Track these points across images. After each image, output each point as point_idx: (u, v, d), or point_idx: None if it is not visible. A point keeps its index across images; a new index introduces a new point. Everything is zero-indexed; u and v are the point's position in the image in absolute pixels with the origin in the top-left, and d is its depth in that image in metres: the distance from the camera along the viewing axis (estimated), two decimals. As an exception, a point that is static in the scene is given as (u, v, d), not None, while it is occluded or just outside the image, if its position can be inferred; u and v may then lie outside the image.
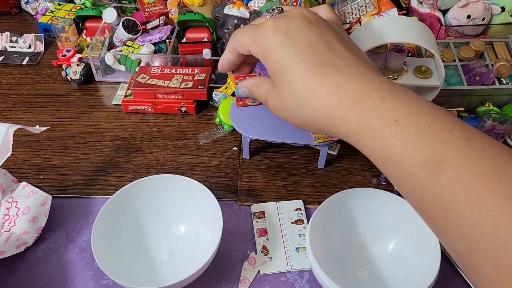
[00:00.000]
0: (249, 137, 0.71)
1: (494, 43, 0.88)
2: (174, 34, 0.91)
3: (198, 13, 0.90)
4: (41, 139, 0.79)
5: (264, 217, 0.68)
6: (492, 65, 0.83)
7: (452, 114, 0.37)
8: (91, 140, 0.79)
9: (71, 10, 1.00)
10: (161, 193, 0.65)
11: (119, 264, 0.58)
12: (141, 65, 0.89)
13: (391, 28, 0.72)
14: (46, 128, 0.64)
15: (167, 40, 0.91)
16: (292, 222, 0.67)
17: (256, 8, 0.93)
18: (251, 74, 0.67)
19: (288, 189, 0.72)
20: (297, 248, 0.64)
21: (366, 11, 0.96)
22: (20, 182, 0.71)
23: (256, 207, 0.69)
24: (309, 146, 0.77)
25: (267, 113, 0.73)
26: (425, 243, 0.59)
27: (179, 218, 0.65)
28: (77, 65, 0.88)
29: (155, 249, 0.63)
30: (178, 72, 0.84)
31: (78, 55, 0.92)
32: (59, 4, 1.03)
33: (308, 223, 0.65)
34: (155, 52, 0.90)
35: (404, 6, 0.99)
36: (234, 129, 0.79)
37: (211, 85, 0.86)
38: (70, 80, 0.89)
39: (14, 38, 0.99)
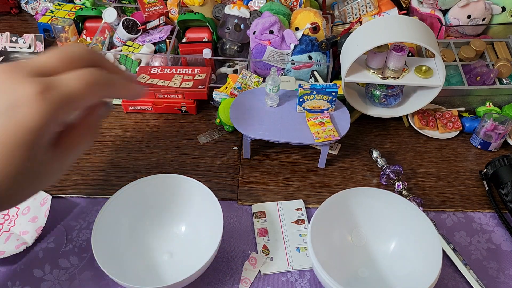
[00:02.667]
0: (250, 137, 0.71)
1: (494, 43, 0.88)
2: (174, 34, 0.91)
3: (198, 13, 0.90)
4: (41, 139, 0.79)
5: (265, 217, 0.67)
6: (492, 65, 0.83)
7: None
8: (91, 140, 0.79)
9: (71, 10, 1.00)
10: (162, 192, 0.64)
11: (119, 264, 0.58)
12: (141, 65, 0.88)
13: (392, 27, 0.72)
14: None
15: (167, 40, 0.91)
16: (292, 222, 0.67)
17: (256, 8, 0.93)
18: None
19: (289, 188, 0.72)
20: (298, 248, 0.64)
21: (367, 11, 0.96)
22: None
23: (256, 207, 0.69)
24: (310, 146, 0.77)
25: (267, 113, 0.73)
26: (426, 243, 0.58)
27: (180, 217, 0.65)
28: (77, 65, 0.88)
29: (155, 249, 0.63)
30: (178, 72, 0.84)
31: (78, 55, 0.92)
32: (59, 4, 1.03)
33: (309, 223, 0.65)
34: (155, 52, 0.90)
35: (404, 6, 0.99)
36: (235, 129, 0.79)
37: (211, 84, 0.86)
38: (70, 80, 0.89)
39: (14, 38, 0.98)
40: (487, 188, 0.72)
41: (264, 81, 0.83)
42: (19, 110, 0.37)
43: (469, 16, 0.91)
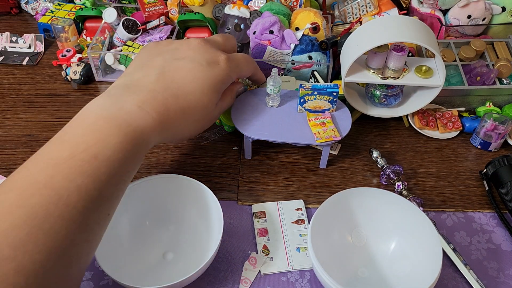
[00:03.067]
0: (252, 138, 0.71)
1: (494, 43, 0.88)
2: (175, 34, 0.91)
3: (199, 13, 0.90)
4: (41, 139, 0.79)
5: (265, 217, 0.67)
6: (492, 65, 0.83)
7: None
8: (91, 140, 0.79)
9: (71, 10, 1.00)
10: (162, 192, 0.65)
11: (120, 264, 0.58)
12: (141, 65, 0.88)
13: (392, 27, 0.72)
14: None
15: (167, 40, 0.91)
16: (293, 222, 0.67)
17: (256, 8, 0.93)
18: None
19: (289, 188, 0.72)
20: (298, 248, 0.64)
21: (367, 11, 0.96)
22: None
23: (256, 207, 0.69)
24: (310, 146, 0.77)
25: (268, 113, 0.73)
26: (426, 243, 0.59)
27: (180, 218, 0.65)
28: (77, 65, 0.88)
29: (156, 249, 0.63)
30: (178, 72, 0.84)
31: (78, 55, 0.92)
32: (59, 4, 1.03)
33: (309, 223, 0.65)
34: (155, 52, 0.90)
35: (404, 6, 0.99)
36: (235, 129, 0.79)
37: (211, 85, 0.86)
38: (70, 80, 0.89)
39: (14, 38, 0.99)
40: (487, 188, 0.72)
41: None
42: (216, 65, 0.61)
43: (469, 16, 0.91)
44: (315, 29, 0.87)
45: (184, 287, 0.57)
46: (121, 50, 0.90)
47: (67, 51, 0.92)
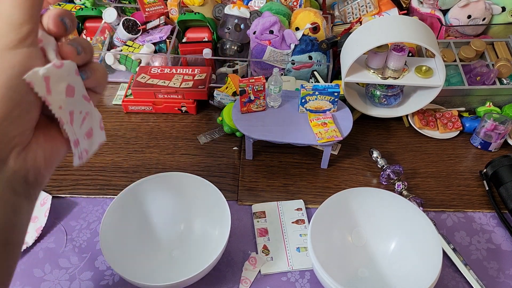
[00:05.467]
0: (253, 138, 0.71)
1: (494, 43, 0.88)
2: (174, 34, 0.91)
3: (199, 13, 0.90)
4: (41, 139, 0.79)
5: (265, 217, 0.67)
6: (492, 65, 0.83)
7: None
8: (91, 140, 0.79)
9: (71, 10, 1.00)
10: (172, 190, 0.64)
11: (127, 261, 0.58)
12: (141, 65, 0.88)
13: (392, 28, 0.72)
14: None
15: (167, 40, 0.91)
16: (293, 222, 0.67)
17: (256, 8, 0.93)
18: (255, 77, 0.68)
19: (289, 189, 0.72)
20: (298, 248, 0.64)
21: (367, 11, 0.96)
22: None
23: (256, 207, 0.69)
24: (311, 146, 0.77)
25: (269, 114, 0.73)
26: (426, 243, 0.58)
27: (187, 217, 0.65)
28: (77, 65, 0.88)
29: (163, 247, 0.63)
30: (178, 72, 0.84)
31: (78, 55, 0.91)
32: (59, 4, 1.03)
33: (309, 223, 0.65)
34: (155, 52, 0.90)
35: (404, 6, 0.99)
36: (233, 132, 0.79)
37: (211, 84, 0.86)
38: (70, 80, 0.89)
39: (14, 38, 0.98)
40: (487, 188, 0.72)
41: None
42: None
43: (469, 16, 0.91)
44: (315, 29, 0.87)
45: (185, 287, 0.57)
46: (121, 50, 0.90)
47: (67, 51, 0.92)
